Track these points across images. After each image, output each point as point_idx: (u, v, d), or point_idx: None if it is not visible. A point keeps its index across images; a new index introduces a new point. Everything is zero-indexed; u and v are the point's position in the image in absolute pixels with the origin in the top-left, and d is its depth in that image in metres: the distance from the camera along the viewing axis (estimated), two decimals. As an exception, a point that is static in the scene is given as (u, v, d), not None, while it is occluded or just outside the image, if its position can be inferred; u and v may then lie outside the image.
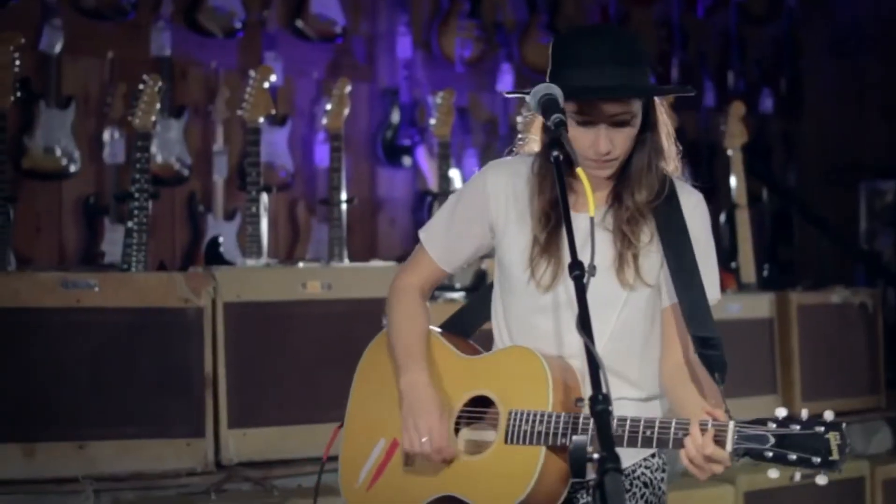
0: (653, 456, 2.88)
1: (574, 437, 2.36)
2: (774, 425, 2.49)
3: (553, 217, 2.79)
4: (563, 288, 2.79)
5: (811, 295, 6.06)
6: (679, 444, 2.58)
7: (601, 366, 2.32)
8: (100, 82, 6.36)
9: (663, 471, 2.91)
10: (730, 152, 6.46)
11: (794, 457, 2.47)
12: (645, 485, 2.86)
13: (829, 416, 2.48)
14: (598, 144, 2.74)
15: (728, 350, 2.77)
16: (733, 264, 6.29)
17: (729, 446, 2.52)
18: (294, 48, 6.91)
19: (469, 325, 3.07)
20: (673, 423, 2.60)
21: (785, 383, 5.86)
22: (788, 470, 2.49)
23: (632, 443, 2.62)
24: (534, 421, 2.70)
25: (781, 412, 2.50)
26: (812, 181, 8.61)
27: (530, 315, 2.83)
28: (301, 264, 5.31)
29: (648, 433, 2.61)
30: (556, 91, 2.67)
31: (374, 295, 2.91)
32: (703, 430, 2.54)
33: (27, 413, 4.40)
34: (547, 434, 2.67)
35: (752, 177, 6.86)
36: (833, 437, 2.45)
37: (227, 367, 4.66)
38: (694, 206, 2.88)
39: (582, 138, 2.74)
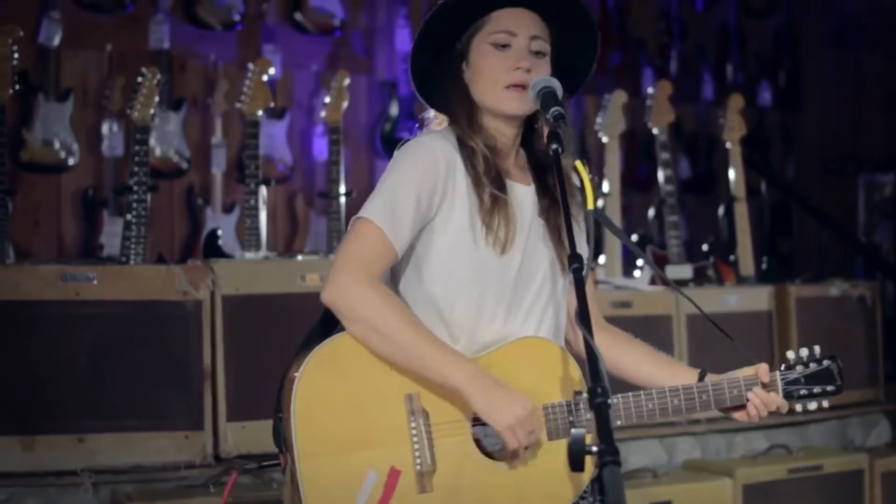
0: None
1: (572, 431, 2.36)
2: (801, 367, 2.84)
3: (496, 180, 2.77)
4: (516, 254, 2.75)
5: (810, 287, 6.04)
6: (737, 400, 2.80)
7: (600, 358, 2.32)
8: (98, 75, 6.36)
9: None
10: (728, 145, 6.44)
11: (818, 389, 2.84)
12: None
13: (817, 350, 2.85)
14: (520, 60, 2.73)
15: (726, 343, 2.86)
16: (732, 257, 6.28)
17: (781, 394, 2.82)
18: (293, 41, 6.90)
19: None
20: (725, 383, 2.80)
21: (783, 376, 5.84)
22: (811, 402, 2.84)
23: (690, 409, 2.77)
24: (576, 410, 2.67)
25: (791, 354, 2.86)
26: (810, 174, 8.60)
27: (487, 286, 2.72)
28: (300, 257, 5.30)
29: (704, 397, 2.78)
30: (556, 84, 2.67)
31: (372, 288, 2.85)
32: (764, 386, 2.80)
33: (26, 406, 4.39)
34: None
35: (750, 169, 6.85)
36: (834, 367, 2.85)
37: (225, 360, 4.66)
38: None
39: (501, 63, 2.75)
